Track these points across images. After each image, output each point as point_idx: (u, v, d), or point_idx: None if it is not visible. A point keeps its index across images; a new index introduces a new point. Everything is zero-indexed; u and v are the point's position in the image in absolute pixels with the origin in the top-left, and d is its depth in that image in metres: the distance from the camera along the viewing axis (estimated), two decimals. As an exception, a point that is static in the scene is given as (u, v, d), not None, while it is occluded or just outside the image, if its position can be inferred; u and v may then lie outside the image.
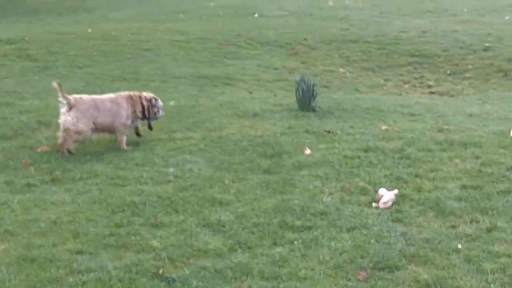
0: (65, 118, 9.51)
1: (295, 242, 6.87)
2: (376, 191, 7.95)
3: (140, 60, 15.83)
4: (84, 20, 21.37)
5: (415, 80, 16.22)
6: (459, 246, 6.77)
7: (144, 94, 10.11)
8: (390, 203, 7.70)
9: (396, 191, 7.88)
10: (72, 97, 9.59)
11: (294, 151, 9.50)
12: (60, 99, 9.51)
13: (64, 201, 7.96)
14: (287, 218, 7.36)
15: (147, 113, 10.00)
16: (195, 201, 7.83)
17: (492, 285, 6.10)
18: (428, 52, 17.86)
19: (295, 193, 8.05)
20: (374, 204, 7.73)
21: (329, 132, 10.33)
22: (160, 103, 10.16)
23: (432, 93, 15.27)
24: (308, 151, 9.45)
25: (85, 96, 9.78)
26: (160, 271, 6.32)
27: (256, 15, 21.90)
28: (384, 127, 10.52)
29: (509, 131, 10.16)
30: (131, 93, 10.07)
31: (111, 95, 10.00)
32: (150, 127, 10.11)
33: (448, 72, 16.69)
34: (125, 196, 7.99)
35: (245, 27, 19.51)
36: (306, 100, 11.65)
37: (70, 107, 9.48)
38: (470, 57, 17.53)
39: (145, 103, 9.98)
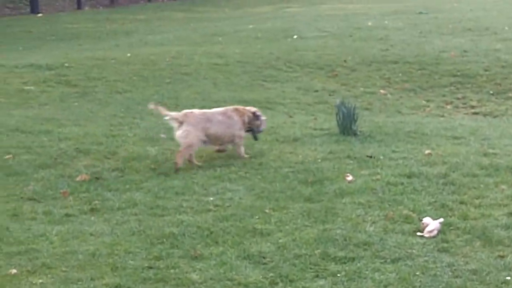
0: (176, 133, 10.03)
1: (338, 275, 6.70)
2: (421, 220, 7.74)
3: (180, 85, 15.76)
4: (123, 44, 21.39)
5: (457, 100, 15.97)
6: (508, 278, 6.55)
7: (247, 108, 10.67)
8: (435, 232, 7.49)
9: (441, 219, 7.68)
10: (182, 112, 10.15)
11: (335, 177, 9.32)
12: (166, 118, 10.11)
13: (103, 232, 7.86)
14: (329, 249, 7.19)
15: (249, 125, 10.50)
16: (235, 232, 7.68)
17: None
18: (469, 72, 17.59)
19: (337, 222, 7.87)
20: (418, 233, 7.53)
21: (371, 157, 10.13)
22: (263, 117, 10.66)
23: (475, 113, 15.01)
24: (350, 178, 9.27)
25: (196, 110, 10.33)
26: (200, 306, 6.20)
27: (295, 37, 21.79)
28: (427, 151, 10.30)
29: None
30: (236, 106, 10.70)
31: (220, 109, 10.60)
32: (255, 138, 10.66)
33: (491, 92, 16.42)
34: (164, 227, 7.86)
35: (284, 49, 19.40)
36: (347, 124, 11.46)
37: (180, 122, 9.96)
38: (513, 76, 17.25)
39: (249, 115, 10.47)
